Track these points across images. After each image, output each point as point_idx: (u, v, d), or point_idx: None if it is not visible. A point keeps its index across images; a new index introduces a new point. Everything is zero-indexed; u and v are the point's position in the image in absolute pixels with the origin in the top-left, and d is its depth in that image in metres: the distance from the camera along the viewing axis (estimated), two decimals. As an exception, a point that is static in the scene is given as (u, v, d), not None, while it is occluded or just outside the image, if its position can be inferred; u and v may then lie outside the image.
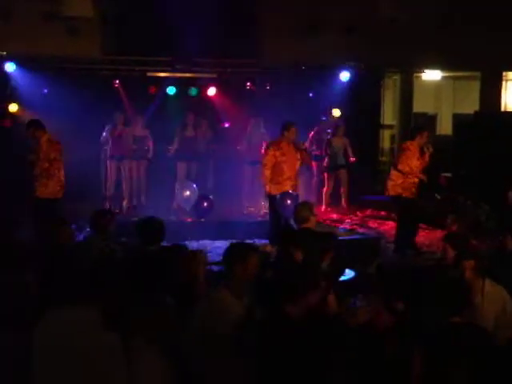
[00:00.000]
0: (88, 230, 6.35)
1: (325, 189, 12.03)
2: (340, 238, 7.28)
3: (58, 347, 3.08)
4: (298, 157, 8.85)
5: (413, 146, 8.84)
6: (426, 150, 8.79)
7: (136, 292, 3.55)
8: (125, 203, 11.52)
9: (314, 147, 12.01)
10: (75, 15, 11.37)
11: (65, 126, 11.37)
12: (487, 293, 4.64)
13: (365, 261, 5.39)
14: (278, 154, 8.67)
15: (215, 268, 5.67)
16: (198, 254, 4.93)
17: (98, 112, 11.45)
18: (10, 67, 11.54)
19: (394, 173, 8.94)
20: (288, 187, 8.72)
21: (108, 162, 11.62)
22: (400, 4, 12.67)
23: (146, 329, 3.30)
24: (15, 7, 11.78)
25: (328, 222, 10.90)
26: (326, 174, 12.04)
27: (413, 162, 8.73)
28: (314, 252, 5.06)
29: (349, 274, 5.68)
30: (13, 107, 11.68)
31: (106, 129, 11.56)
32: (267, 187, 8.80)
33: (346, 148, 12.00)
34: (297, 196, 8.80)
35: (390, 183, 8.97)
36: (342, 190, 12.13)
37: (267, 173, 8.69)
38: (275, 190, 8.71)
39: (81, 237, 7.54)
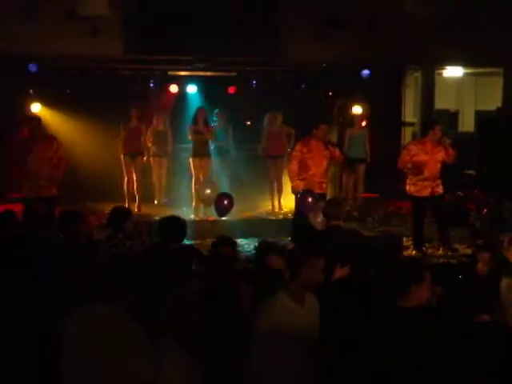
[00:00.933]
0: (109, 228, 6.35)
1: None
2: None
3: (86, 344, 3.10)
4: (327, 155, 8.91)
5: (414, 145, 8.91)
6: (443, 143, 8.75)
7: (161, 290, 3.57)
8: (136, 201, 11.46)
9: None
10: (92, 14, 11.41)
11: (87, 126, 11.56)
12: None
13: (388, 257, 5.38)
14: (305, 150, 8.89)
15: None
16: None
17: (120, 111, 11.53)
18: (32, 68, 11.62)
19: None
20: (314, 184, 8.77)
21: (122, 158, 11.46)
22: (422, 0, 12.57)
23: (174, 327, 3.31)
24: (37, 7, 11.86)
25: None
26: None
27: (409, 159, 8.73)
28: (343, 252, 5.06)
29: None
30: (35, 107, 11.76)
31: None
32: (294, 183, 8.92)
33: (365, 141, 11.98)
34: (322, 195, 8.81)
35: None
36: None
37: (294, 167, 8.89)
38: (301, 186, 8.82)
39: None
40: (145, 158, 11.60)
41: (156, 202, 11.89)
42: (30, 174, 8.93)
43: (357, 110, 12.42)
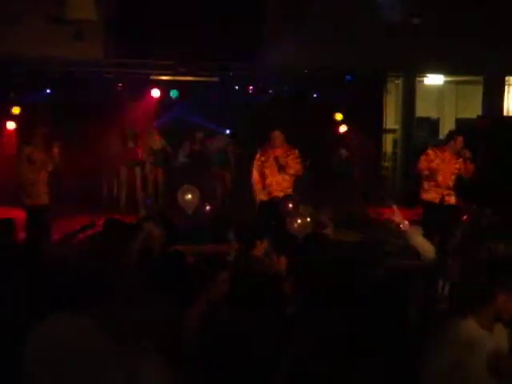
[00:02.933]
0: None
1: None
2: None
3: (55, 357, 3.05)
4: (284, 163, 8.78)
5: (433, 151, 8.89)
6: (463, 155, 8.73)
7: (133, 295, 3.53)
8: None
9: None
10: (79, 18, 11.38)
11: (68, 129, 11.49)
12: None
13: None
14: (263, 159, 8.80)
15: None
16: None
17: (102, 115, 11.51)
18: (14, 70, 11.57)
19: None
20: (273, 193, 8.74)
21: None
22: (403, 8, 12.66)
23: (144, 333, 3.28)
24: (21, 11, 11.80)
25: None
26: None
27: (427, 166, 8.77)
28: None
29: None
30: (15, 110, 11.71)
31: None
32: (256, 192, 8.87)
33: None
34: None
35: None
36: None
37: (256, 177, 8.83)
38: (261, 195, 8.79)
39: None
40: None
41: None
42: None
43: (338, 116, 12.48)
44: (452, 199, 8.86)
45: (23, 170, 8.23)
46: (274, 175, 8.78)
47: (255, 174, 8.86)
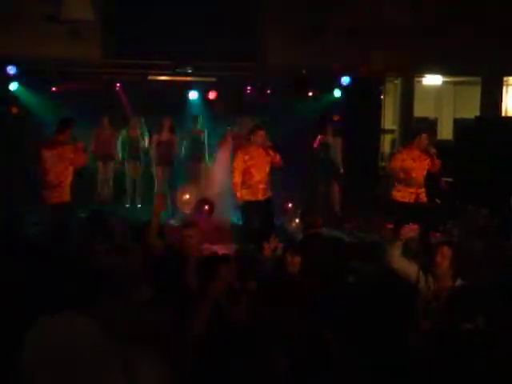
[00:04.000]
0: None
1: None
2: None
3: (53, 357, 3.03)
4: (269, 160, 8.68)
5: (403, 151, 8.94)
6: (429, 152, 8.77)
7: (131, 297, 3.52)
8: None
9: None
10: (76, 18, 11.34)
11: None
12: None
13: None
14: (246, 158, 8.56)
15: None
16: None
17: (99, 115, 11.50)
18: (11, 70, 11.53)
19: None
20: (259, 191, 8.63)
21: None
22: (401, 8, 12.66)
23: (142, 334, 3.27)
24: (17, 10, 11.79)
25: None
26: None
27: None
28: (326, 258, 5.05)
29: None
30: (13, 109, 11.71)
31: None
32: (238, 193, 8.61)
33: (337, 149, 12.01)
34: (267, 201, 8.74)
35: None
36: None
37: (237, 179, 8.55)
38: (247, 195, 8.60)
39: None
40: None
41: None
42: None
43: (335, 117, 12.47)
44: (424, 197, 8.87)
45: (48, 169, 8.25)
46: (261, 172, 8.63)
47: (238, 178, 8.55)
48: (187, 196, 11.13)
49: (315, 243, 6.02)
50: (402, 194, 8.83)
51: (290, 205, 10.81)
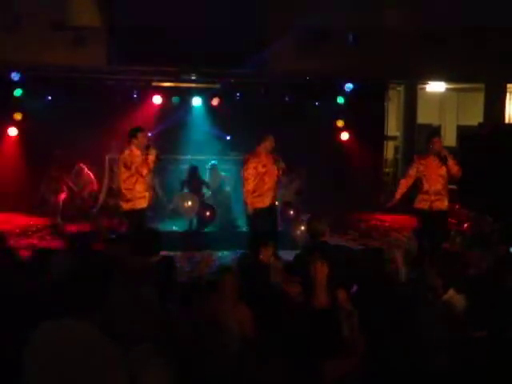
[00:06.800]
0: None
1: None
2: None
3: (56, 360, 3.02)
4: (277, 167, 8.54)
5: (418, 159, 8.82)
6: (443, 156, 8.60)
7: (134, 303, 3.51)
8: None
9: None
10: (82, 25, 11.40)
11: (70, 135, 11.48)
12: None
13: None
14: (259, 166, 8.45)
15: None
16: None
17: (103, 121, 11.52)
18: (15, 77, 11.58)
19: None
20: (270, 198, 8.53)
21: None
22: (404, 16, 12.70)
23: (148, 339, 3.27)
24: (23, 17, 11.83)
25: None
26: None
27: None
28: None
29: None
30: (17, 116, 11.76)
31: None
32: (248, 200, 8.44)
33: None
34: (274, 205, 8.74)
35: None
36: None
37: (250, 187, 8.42)
38: (258, 203, 8.47)
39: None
40: None
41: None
42: None
43: (340, 124, 12.49)
44: (443, 204, 8.69)
45: (120, 176, 8.18)
46: (272, 179, 8.54)
47: (251, 185, 8.41)
48: (189, 203, 11.09)
49: (327, 252, 5.97)
50: (420, 203, 8.72)
51: (291, 212, 10.77)
